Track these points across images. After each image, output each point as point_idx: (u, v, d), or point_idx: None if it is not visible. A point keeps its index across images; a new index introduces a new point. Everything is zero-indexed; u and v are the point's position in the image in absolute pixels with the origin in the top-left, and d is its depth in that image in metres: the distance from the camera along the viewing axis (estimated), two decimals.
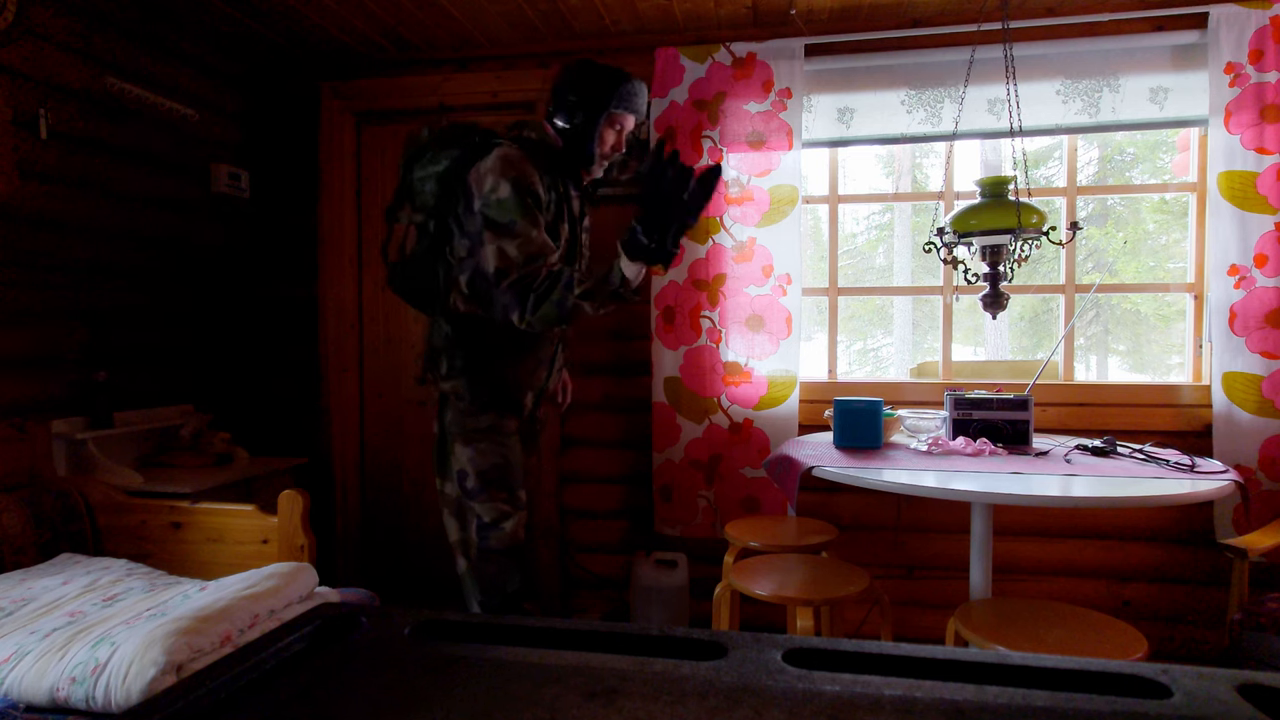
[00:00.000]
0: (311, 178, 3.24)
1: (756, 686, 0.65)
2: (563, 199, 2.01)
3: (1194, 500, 1.71)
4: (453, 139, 2.01)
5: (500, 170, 1.88)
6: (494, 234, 1.86)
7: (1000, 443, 2.24)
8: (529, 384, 2.11)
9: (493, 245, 1.86)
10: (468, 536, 2.06)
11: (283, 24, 2.91)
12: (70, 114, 2.49)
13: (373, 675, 0.69)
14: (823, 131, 2.91)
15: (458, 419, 2.03)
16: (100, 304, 2.61)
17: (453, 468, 2.05)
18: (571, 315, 1.83)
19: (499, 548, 2.03)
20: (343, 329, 3.27)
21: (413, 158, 2.03)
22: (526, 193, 1.87)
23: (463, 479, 2.03)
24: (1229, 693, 0.63)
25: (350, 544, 3.31)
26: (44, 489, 2.22)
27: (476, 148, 1.98)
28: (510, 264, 1.85)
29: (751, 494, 2.88)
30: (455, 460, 2.04)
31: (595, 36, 3.02)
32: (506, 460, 2.04)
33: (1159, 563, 2.76)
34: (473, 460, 2.02)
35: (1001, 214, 2.24)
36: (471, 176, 1.92)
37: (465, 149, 1.98)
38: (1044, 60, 2.74)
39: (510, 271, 1.85)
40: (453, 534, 2.09)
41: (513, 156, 1.91)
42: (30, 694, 1.49)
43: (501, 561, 2.04)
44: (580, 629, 0.77)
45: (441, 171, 1.97)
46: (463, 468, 2.02)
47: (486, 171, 1.90)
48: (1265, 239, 2.55)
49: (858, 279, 9.59)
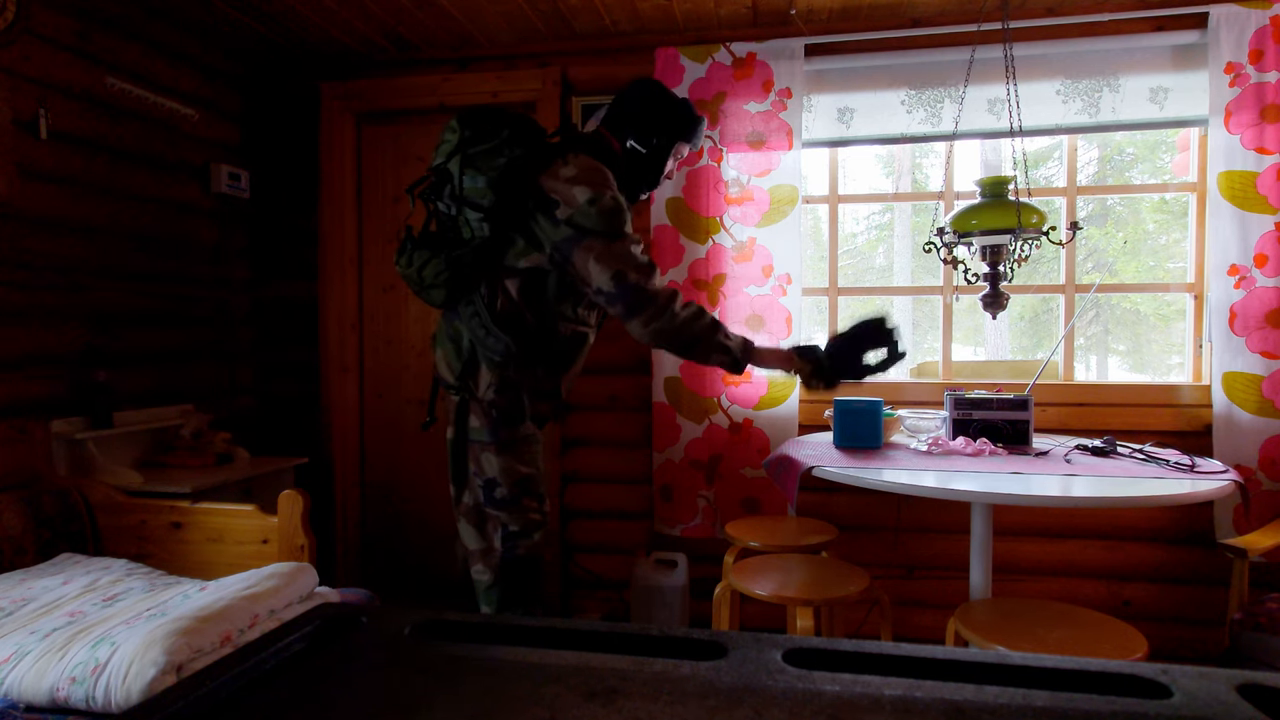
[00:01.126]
0: (311, 178, 3.24)
1: (756, 686, 0.65)
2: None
3: (1194, 500, 1.71)
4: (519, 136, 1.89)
5: (597, 183, 1.83)
6: (600, 240, 1.81)
7: (1000, 443, 2.24)
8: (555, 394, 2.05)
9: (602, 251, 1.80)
10: (490, 546, 1.98)
11: (283, 24, 2.91)
12: (70, 114, 2.49)
13: (373, 675, 0.69)
14: (823, 131, 2.91)
15: (488, 427, 1.93)
16: (100, 304, 2.61)
17: (474, 476, 1.97)
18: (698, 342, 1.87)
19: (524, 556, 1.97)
20: (343, 329, 3.27)
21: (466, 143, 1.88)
22: (622, 201, 1.86)
23: (491, 488, 1.94)
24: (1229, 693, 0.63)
25: (350, 544, 3.31)
26: (44, 489, 2.22)
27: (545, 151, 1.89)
28: (626, 265, 1.81)
29: (751, 494, 2.88)
30: (482, 469, 1.96)
31: (595, 36, 3.02)
32: (538, 468, 2.00)
33: (1159, 563, 2.76)
34: (506, 470, 1.94)
35: (1001, 214, 2.24)
36: (547, 184, 1.84)
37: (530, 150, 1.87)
38: (1044, 60, 2.74)
39: (628, 272, 1.80)
40: (472, 543, 2.01)
41: (599, 170, 1.86)
42: (30, 694, 1.49)
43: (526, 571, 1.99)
44: (580, 629, 0.77)
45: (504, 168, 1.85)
46: (493, 477, 1.94)
47: (573, 183, 1.82)
48: (1265, 239, 2.55)
49: (858, 279, 9.59)
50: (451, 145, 1.90)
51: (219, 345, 3.19)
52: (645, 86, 2.01)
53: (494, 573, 1.99)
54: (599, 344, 3.05)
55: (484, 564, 2.00)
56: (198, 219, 3.07)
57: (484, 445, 1.95)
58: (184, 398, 2.98)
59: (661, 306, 1.82)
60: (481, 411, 1.95)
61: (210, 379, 3.14)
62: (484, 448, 1.95)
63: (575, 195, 1.81)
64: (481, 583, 2.02)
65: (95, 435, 2.46)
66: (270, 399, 3.31)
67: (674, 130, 2.00)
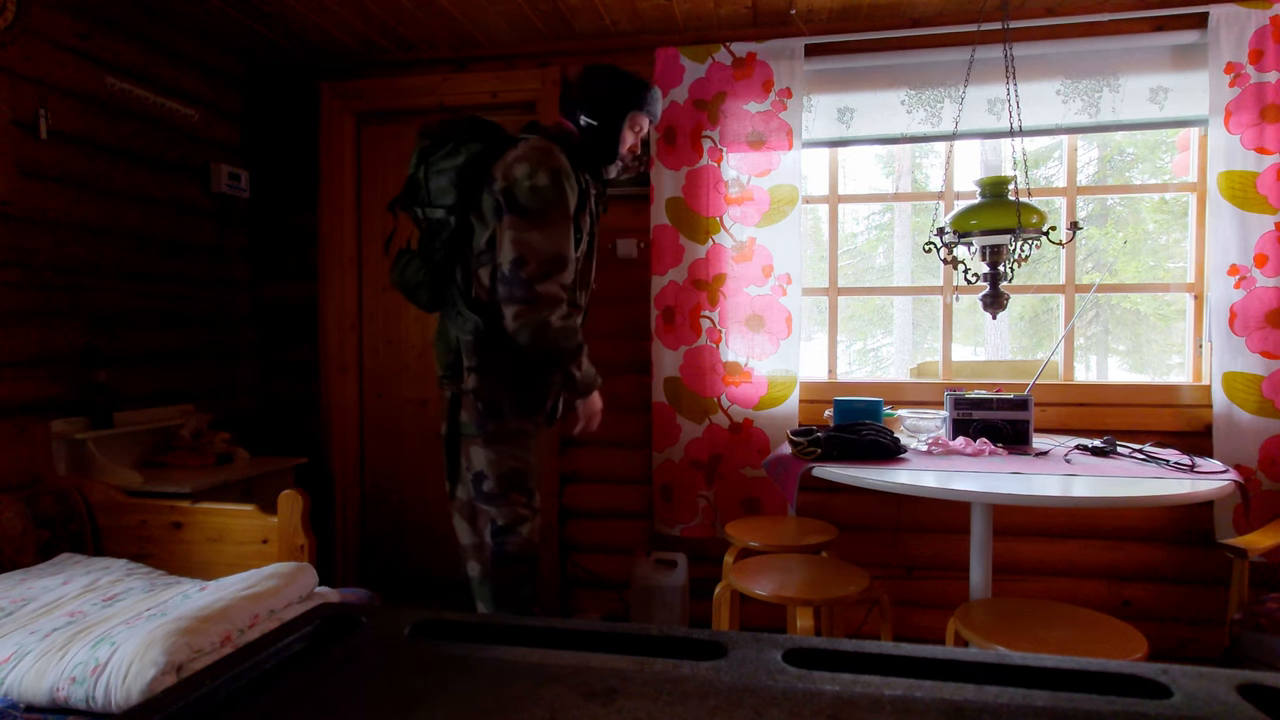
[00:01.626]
0: (311, 178, 3.24)
1: (756, 686, 0.65)
2: (585, 194, 2.01)
3: (1194, 500, 1.71)
4: (473, 133, 1.98)
5: (536, 160, 1.87)
6: (520, 220, 1.84)
7: (1000, 443, 2.23)
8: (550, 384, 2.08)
9: (514, 232, 1.84)
10: (481, 541, 2.01)
11: (282, 24, 2.91)
12: (70, 114, 2.49)
13: (373, 675, 0.69)
14: (823, 131, 2.91)
15: (477, 420, 1.98)
16: (100, 304, 2.61)
17: (466, 470, 2.01)
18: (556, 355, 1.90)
19: (515, 553, 1.99)
20: (343, 329, 3.27)
21: (427, 151, 1.99)
22: (563, 184, 1.88)
23: (479, 482, 1.98)
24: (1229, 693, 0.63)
25: (350, 544, 3.31)
26: (44, 489, 2.22)
27: (500, 142, 1.96)
28: (530, 254, 1.83)
29: (751, 494, 2.88)
30: (471, 463, 1.99)
31: (595, 36, 3.02)
32: (527, 463, 2.01)
33: (1159, 563, 2.76)
34: (493, 463, 1.97)
35: (1001, 214, 2.24)
36: (498, 169, 1.90)
37: (488, 144, 1.95)
38: (1044, 60, 2.74)
39: (528, 262, 1.83)
40: (465, 538, 2.04)
41: (546, 148, 1.90)
42: (30, 694, 1.49)
43: (517, 567, 2.00)
44: (580, 629, 0.77)
45: (461, 165, 1.94)
46: (481, 470, 1.97)
47: (516, 160, 1.88)
48: (1265, 239, 2.55)
49: (858, 279, 9.59)
50: (415, 155, 2.01)
51: (219, 345, 3.19)
52: (594, 69, 2.07)
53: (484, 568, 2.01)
54: (598, 344, 3.06)
55: (476, 559, 2.03)
56: (198, 219, 3.07)
57: (472, 439, 2.00)
58: (184, 398, 2.99)
59: (538, 310, 1.85)
60: (470, 404, 1.99)
61: (210, 379, 3.14)
62: (472, 441, 2.00)
63: (514, 170, 1.87)
64: (474, 578, 2.05)
65: (95, 435, 2.46)
66: (270, 399, 3.31)
67: (622, 100, 2.03)
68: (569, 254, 1.90)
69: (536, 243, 1.84)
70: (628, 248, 3.02)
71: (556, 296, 1.86)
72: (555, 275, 1.86)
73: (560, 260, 1.87)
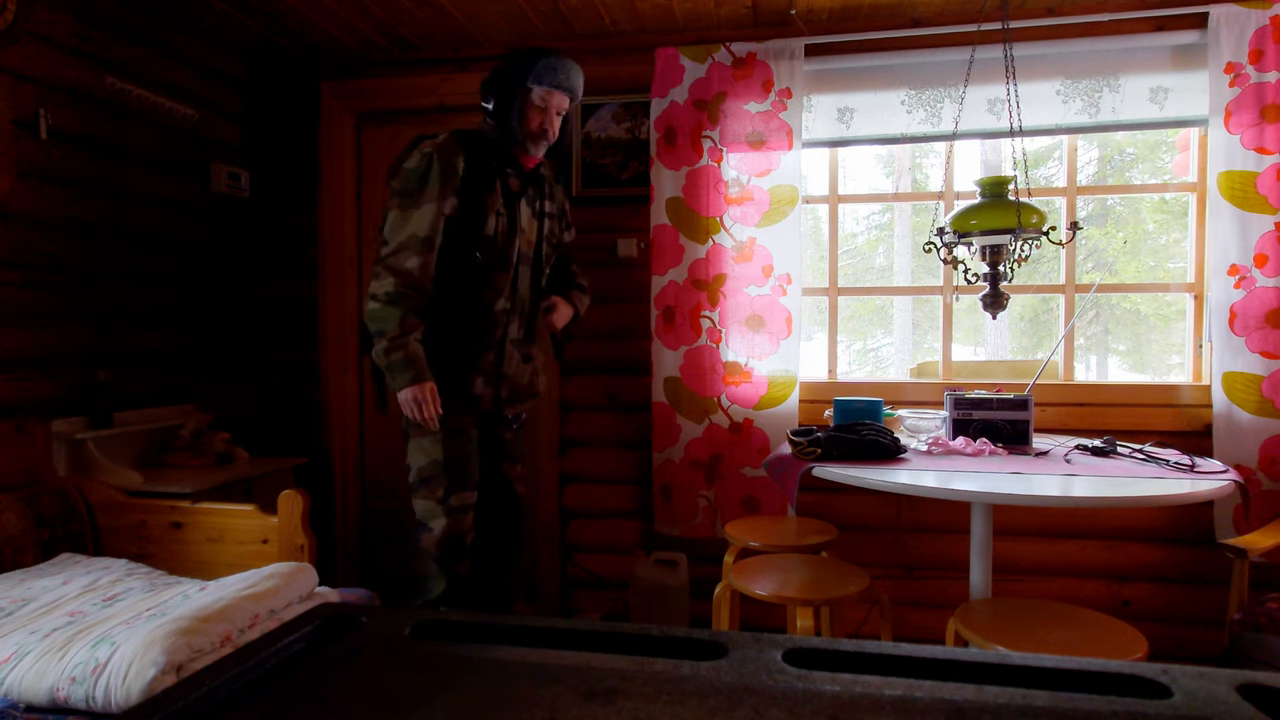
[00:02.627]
0: (311, 178, 3.24)
1: (756, 686, 0.65)
2: (496, 175, 2.03)
3: (1194, 500, 1.71)
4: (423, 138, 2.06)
5: (419, 145, 1.98)
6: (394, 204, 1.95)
7: (1000, 443, 2.23)
8: (472, 369, 2.06)
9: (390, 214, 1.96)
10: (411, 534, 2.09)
11: (282, 23, 2.91)
12: (70, 114, 2.49)
13: (373, 675, 0.69)
14: (823, 131, 2.91)
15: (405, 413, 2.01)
16: (100, 304, 2.61)
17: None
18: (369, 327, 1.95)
19: (425, 548, 2.02)
20: (343, 329, 3.27)
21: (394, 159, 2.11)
22: (436, 165, 1.93)
23: (407, 474, 2.04)
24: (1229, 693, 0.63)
25: (350, 544, 3.31)
26: (44, 489, 2.22)
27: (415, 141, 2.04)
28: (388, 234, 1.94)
29: (751, 494, 2.88)
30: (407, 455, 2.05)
31: (595, 36, 3.02)
32: (447, 458, 2.01)
33: (1159, 563, 2.76)
34: (413, 455, 2.02)
35: (1001, 214, 2.24)
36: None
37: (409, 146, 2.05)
38: (1044, 60, 2.74)
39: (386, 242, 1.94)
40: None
41: (434, 138, 1.99)
42: (30, 694, 1.49)
43: (427, 563, 2.01)
44: (580, 629, 0.77)
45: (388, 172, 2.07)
46: (408, 463, 2.03)
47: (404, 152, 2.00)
48: (1265, 239, 2.55)
49: (858, 279, 9.59)
50: None
51: (219, 345, 3.19)
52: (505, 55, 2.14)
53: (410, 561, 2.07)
54: (598, 343, 3.07)
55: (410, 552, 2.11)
56: (198, 219, 3.07)
57: (404, 432, 2.07)
58: (184, 398, 2.99)
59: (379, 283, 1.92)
60: None
61: (210, 379, 3.14)
62: (404, 434, 2.07)
63: (397, 161, 2.00)
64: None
65: (95, 435, 2.46)
66: (270, 399, 3.31)
67: (511, 78, 2.02)
68: (426, 235, 1.93)
69: (392, 221, 1.94)
70: (628, 248, 3.02)
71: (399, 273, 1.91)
72: (404, 254, 1.92)
73: (413, 240, 1.92)
